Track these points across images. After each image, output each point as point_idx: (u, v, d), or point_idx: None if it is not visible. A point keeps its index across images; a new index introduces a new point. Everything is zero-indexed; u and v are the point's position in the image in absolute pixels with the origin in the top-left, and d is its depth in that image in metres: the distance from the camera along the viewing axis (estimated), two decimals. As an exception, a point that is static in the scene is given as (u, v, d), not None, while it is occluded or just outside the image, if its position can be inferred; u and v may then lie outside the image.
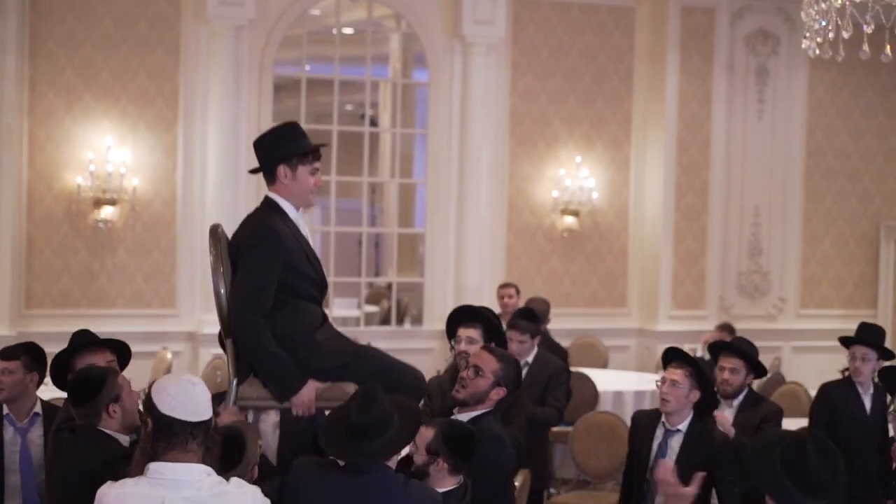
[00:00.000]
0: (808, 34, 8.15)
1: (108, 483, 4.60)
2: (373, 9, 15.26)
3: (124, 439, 5.69)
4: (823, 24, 7.92)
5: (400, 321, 16.18)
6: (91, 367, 6.02)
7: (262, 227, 5.69)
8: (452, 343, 7.47)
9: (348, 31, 15.94)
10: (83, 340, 6.75)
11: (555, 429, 12.01)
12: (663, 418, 7.24)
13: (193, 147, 14.11)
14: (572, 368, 12.80)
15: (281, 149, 5.77)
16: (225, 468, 5.05)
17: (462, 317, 7.56)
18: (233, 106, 14.08)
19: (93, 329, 6.96)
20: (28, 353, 7.43)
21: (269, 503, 4.67)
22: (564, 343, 14.52)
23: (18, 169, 13.48)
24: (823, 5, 7.89)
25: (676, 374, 7.16)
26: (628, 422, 10.26)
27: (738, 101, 15.82)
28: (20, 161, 13.52)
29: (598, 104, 15.69)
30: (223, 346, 5.91)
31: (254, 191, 14.26)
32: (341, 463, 5.16)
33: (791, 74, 16.02)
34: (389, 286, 16.68)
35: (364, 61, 15.32)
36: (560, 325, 14.09)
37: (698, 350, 12.86)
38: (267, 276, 5.59)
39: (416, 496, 5.10)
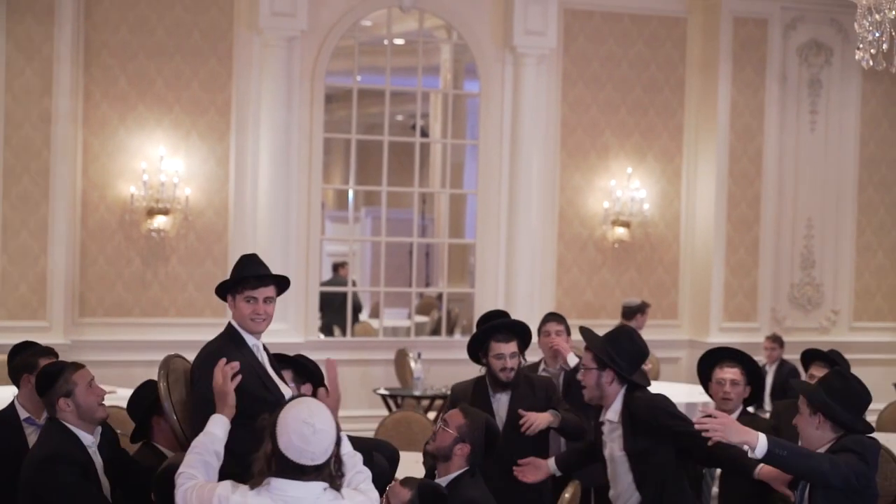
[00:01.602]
0: (861, 45, 8.09)
1: (225, 485, 4.76)
2: (424, 20, 15.30)
3: (85, 435, 6.04)
4: (877, 35, 7.87)
5: (450, 331, 16.18)
6: (56, 361, 6.36)
7: (206, 359, 5.77)
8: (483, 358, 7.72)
9: (399, 41, 15.97)
10: None
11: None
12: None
13: (245, 157, 14.18)
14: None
15: (227, 283, 5.92)
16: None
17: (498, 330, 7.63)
18: (285, 116, 14.14)
19: (145, 338, 7.05)
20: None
21: None
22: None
23: (73, 178, 13.59)
24: (877, 16, 7.83)
25: (733, 372, 7.55)
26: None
27: (790, 112, 15.74)
28: (74, 171, 13.62)
29: (650, 115, 15.65)
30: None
31: (304, 201, 14.33)
32: None
33: (844, 85, 15.92)
34: (440, 296, 16.71)
35: (415, 72, 15.35)
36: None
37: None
38: (210, 403, 5.64)
39: None
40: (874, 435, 6.06)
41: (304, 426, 4.60)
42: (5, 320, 13.09)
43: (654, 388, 12.50)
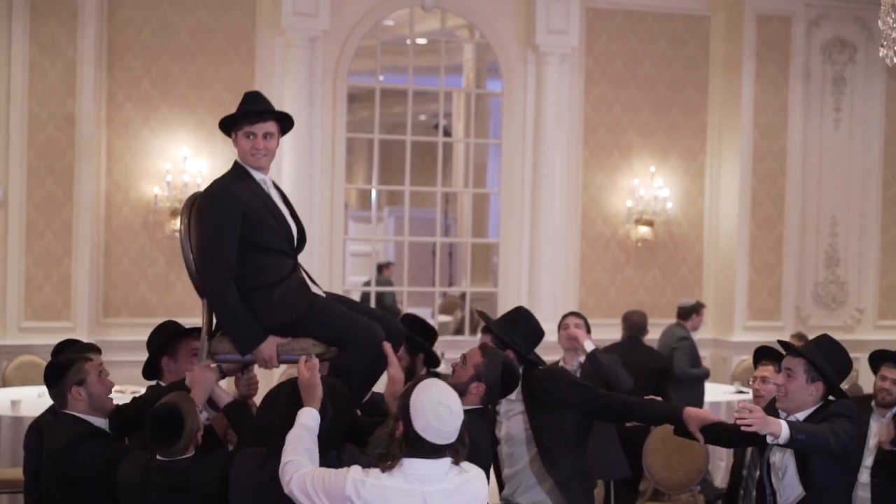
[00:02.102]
0: (885, 42, 8.07)
1: (357, 469, 4.88)
2: (446, 19, 15.30)
3: (98, 420, 6.07)
4: (901, 32, 7.84)
5: (473, 331, 16.17)
6: (65, 353, 6.35)
7: (215, 187, 5.87)
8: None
9: (422, 41, 15.98)
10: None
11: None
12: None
13: (268, 157, 14.17)
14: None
15: (227, 120, 6.04)
16: (168, 443, 5.44)
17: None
18: (307, 116, 14.15)
19: None
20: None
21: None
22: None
23: (97, 179, 13.64)
24: (901, 13, 7.80)
25: (768, 370, 7.55)
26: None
27: (814, 110, 15.69)
28: (98, 172, 13.67)
29: (673, 113, 15.62)
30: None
31: (327, 200, 14.35)
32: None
33: (868, 83, 15.86)
34: (463, 296, 16.71)
35: (437, 71, 15.36)
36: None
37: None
38: (223, 231, 5.74)
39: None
40: None
41: (440, 407, 4.79)
42: (30, 321, 13.16)
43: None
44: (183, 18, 13.96)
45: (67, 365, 6.12)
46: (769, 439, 6.05)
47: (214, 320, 6.01)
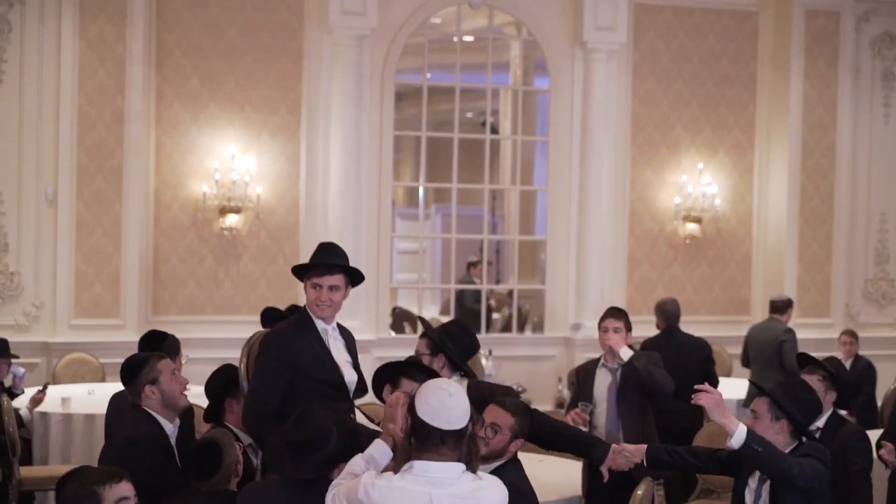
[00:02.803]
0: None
1: (370, 474, 4.93)
2: (493, 16, 15.29)
3: (167, 423, 6.24)
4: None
5: (521, 328, 16.17)
6: (140, 353, 6.61)
7: (269, 337, 6.30)
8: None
9: (469, 38, 15.98)
10: None
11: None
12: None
13: (316, 155, 14.24)
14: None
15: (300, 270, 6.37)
16: (206, 476, 5.63)
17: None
18: (355, 114, 14.18)
19: (218, 336, 7.25)
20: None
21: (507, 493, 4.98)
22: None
23: (146, 178, 13.71)
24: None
25: (810, 379, 7.37)
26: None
27: (863, 105, 15.59)
28: (147, 170, 13.75)
29: (721, 109, 15.56)
30: None
31: (375, 198, 14.38)
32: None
33: (918, 78, 15.77)
34: (510, 293, 16.68)
35: (485, 69, 15.35)
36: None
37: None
38: (266, 379, 6.14)
39: None
40: None
41: (439, 391, 4.85)
42: (80, 318, 13.25)
43: (727, 384, 12.51)
44: (231, 17, 14.02)
45: (141, 363, 6.29)
46: (727, 441, 6.06)
47: None
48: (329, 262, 6.22)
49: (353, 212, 14.16)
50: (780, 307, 13.02)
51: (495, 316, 18.08)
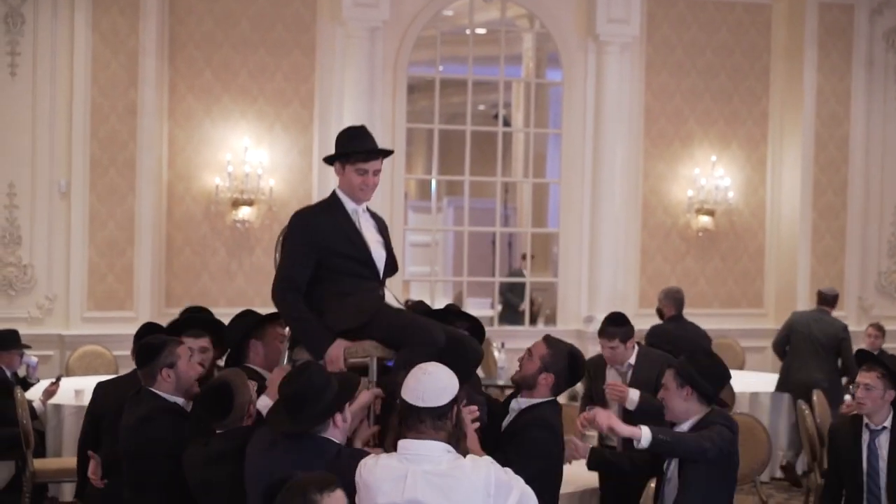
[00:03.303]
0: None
1: (371, 456, 5.09)
2: (506, 9, 15.28)
3: (179, 399, 6.30)
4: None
5: (533, 321, 16.16)
6: (157, 335, 6.62)
7: (296, 217, 6.32)
8: None
9: (481, 31, 15.96)
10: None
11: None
12: (865, 420, 7.45)
13: (328, 148, 14.08)
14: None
15: (337, 147, 6.36)
16: (219, 417, 5.68)
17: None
18: (367, 107, 14.17)
19: None
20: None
21: (506, 473, 5.00)
22: (700, 343, 14.43)
23: (158, 170, 13.73)
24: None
25: (869, 377, 7.39)
26: (765, 423, 10.21)
27: (877, 98, 15.55)
28: (160, 162, 13.76)
29: (734, 102, 15.53)
30: None
31: (387, 190, 14.37)
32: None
33: (932, 71, 15.72)
34: (523, 286, 16.68)
35: (497, 61, 15.34)
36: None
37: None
38: (293, 257, 6.21)
39: (348, 463, 5.16)
40: None
41: (417, 371, 5.04)
42: (93, 311, 13.28)
43: (740, 377, 12.49)
44: (244, 9, 14.02)
45: (160, 347, 6.32)
46: (635, 443, 6.24)
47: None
48: (377, 148, 6.32)
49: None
50: (831, 300, 13.06)
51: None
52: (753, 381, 12.95)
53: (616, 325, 8.44)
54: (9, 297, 13.12)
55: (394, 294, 6.41)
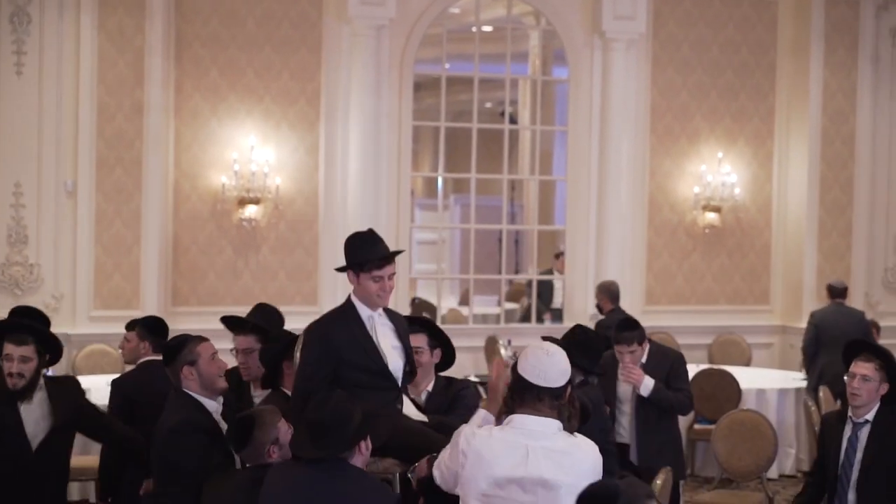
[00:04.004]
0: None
1: (471, 425, 5.27)
2: (512, 6, 15.28)
3: (210, 402, 6.44)
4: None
5: (540, 318, 16.16)
6: (179, 335, 6.68)
7: (311, 329, 6.32)
8: None
9: (488, 28, 15.96)
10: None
11: (697, 426, 11.97)
12: (850, 412, 7.33)
13: (335, 146, 14.25)
14: (714, 366, 12.79)
15: (349, 257, 6.34)
16: (237, 447, 5.80)
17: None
18: (374, 105, 14.18)
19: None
20: None
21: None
22: (706, 340, 14.49)
23: (165, 169, 13.73)
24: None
25: (867, 368, 7.25)
26: (772, 420, 10.22)
27: (883, 93, 15.53)
28: (167, 161, 13.77)
29: (741, 99, 15.52)
30: None
31: (394, 188, 14.39)
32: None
33: (939, 66, 15.70)
34: (529, 283, 16.67)
35: (503, 59, 15.33)
36: (701, 321, 14.05)
37: None
38: (308, 370, 6.17)
39: (371, 489, 5.27)
40: None
41: (539, 351, 5.13)
42: (100, 310, 13.29)
43: (746, 374, 12.50)
44: (250, 8, 14.03)
45: (181, 345, 6.45)
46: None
47: None
48: (388, 253, 6.30)
49: (371, 202, 14.17)
50: (843, 291, 13.19)
51: (514, 306, 18.08)
52: (759, 378, 12.95)
53: (630, 330, 8.63)
54: (15, 296, 13.11)
55: (412, 399, 6.47)
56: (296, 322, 13.88)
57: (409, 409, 6.34)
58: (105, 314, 13.23)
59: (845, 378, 7.44)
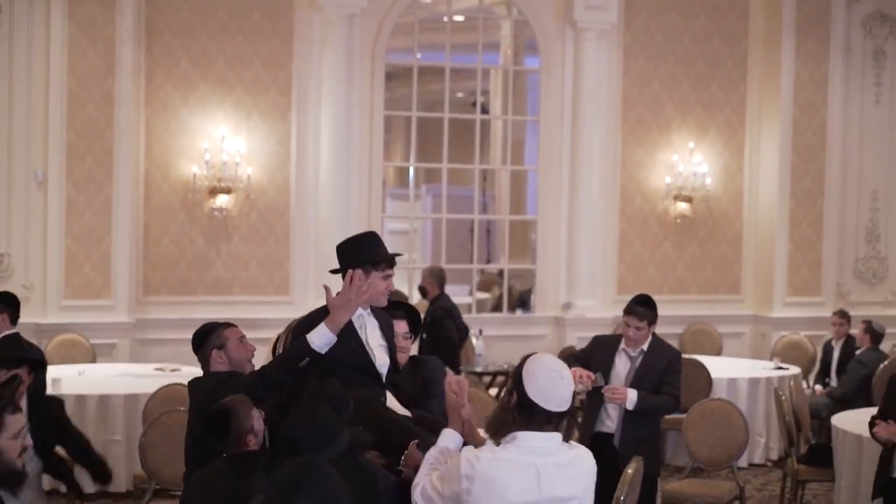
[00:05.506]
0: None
1: (468, 448, 4.98)
2: (484, -4, 15.28)
3: None
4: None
5: (511, 308, 16.17)
6: (207, 323, 6.66)
7: (308, 323, 6.22)
8: None
9: (459, 18, 15.95)
10: None
11: (668, 416, 11.98)
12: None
13: (307, 135, 14.22)
14: (685, 355, 12.79)
15: (362, 255, 6.25)
16: (216, 443, 5.71)
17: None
18: (345, 94, 14.16)
19: (209, 316, 7.32)
20: None
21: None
22: (677, 330, 14.51)
23: (136, 159, 13.68)
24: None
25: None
26: (743, 409, 10.24)
27: (854, 84, 15.59)
28: (137, 151, 13.72)
29: (712, 89, 15.55)
30: None
31: (365, 178, 14.37)
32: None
33: (909, 57, 15.76)
34: (501, 273, 16.69)
35: (475, 48, 15.34)
36: (673, 311, 14.02)
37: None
38: (287, 364, 6.08)
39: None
40: None
41: (552, 373, 4.86)
42: (71, 300, 13.23)
43: (717, 363, 12.52)
44: (221, -3, 14.00)
45: (209, 331, 6.49)
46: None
47: None
48: (395, 253, 6.35)
49: (343, 192, 14.14)
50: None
51: (485, 295, 18.09)
52: (730, 367, 12.98)
53: (647, 307, 8.60)
54: (-14, 286, 13.07)
55: (395, 396, 6.39)
56: (268, 312, 13.88)
57: (392, 404, 6.35)
58: (76, 304, 13.18)
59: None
